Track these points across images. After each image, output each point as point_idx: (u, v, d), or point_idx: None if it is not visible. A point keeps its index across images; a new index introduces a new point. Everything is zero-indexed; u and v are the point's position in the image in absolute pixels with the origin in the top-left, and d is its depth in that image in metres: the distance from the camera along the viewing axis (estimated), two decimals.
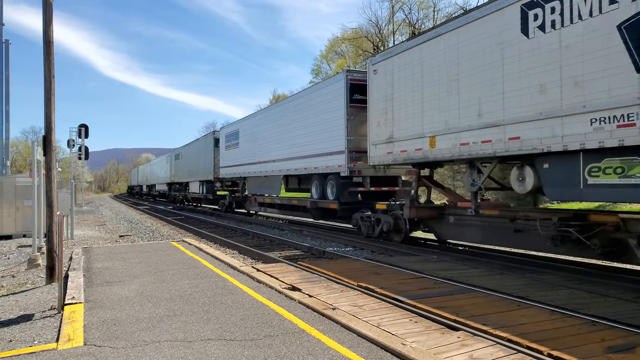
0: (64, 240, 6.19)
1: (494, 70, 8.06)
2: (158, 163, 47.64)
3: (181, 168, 35.37)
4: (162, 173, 43.14)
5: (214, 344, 4.30)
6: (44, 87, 7.27)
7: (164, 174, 42.70)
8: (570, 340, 4.24)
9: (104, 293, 6.36)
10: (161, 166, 44.42)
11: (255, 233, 15.50)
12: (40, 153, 8.71)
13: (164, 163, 42.84)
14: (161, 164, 44.76)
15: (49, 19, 7.31)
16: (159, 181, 46.06)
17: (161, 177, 44.57)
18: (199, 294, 6.23)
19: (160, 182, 45.36)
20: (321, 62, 49.97)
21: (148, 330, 4.71)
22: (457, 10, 32.90)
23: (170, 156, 40.60)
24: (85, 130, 22.62)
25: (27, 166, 61.24)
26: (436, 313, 5.09)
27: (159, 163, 47.15)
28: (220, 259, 9.02)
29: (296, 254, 11.20)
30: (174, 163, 37.97)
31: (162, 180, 43.59)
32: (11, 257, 10.46)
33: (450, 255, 9.76)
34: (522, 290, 6.12)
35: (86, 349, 4.21)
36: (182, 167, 34.98)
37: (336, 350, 4.10)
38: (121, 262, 8.93)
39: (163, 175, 43.30)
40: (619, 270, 8.33)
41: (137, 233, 17.11)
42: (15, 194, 14.08)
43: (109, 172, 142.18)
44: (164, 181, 43.06)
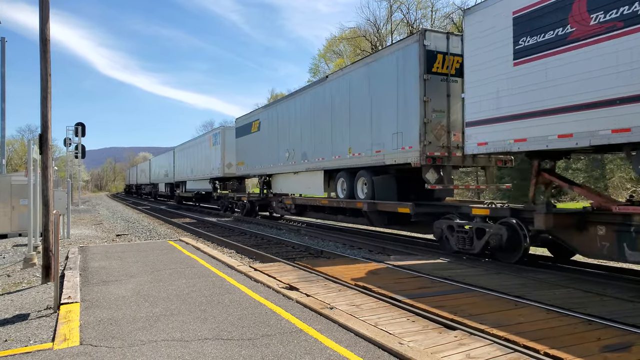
0: (60, 240, 6.17)
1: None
2: (159, 161, 44.85)
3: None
4: (165, 170, 40.93)
5: (211, 344, 4.29)
6: (41, 86, 7.23)
7: (167, 171, 40.50)
8: (567, 339, 4.25)
9: (100, 292, 6.34)
10: (162, 164, 42.42)
11: (252, 232, 15.49)
12: (36, 151, 8.67)
13: (168, 160, 39.78)
14: (162, 162, 42.67)
15: (46, 17, 7.27)
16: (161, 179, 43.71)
17: (161, 175, 42.91)
18: (196, 294, 6.21)
19: (166, 180, 42.08)
20: (319, 61, 49.99)
21: (145, 330, 4.70)
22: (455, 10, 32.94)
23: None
24: (82, 128, 22.57)
25: (23, 165, 61.02)
26: (433, 312, 5.09)
27: (159, 161, 44.55)
28: (217, 258, 9.00)
29: (294, 254, 11.19)
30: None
31: (166, 179, 41.19)
32: (6, 257, 10.41)
33: (448, 254, 9.76)
34: (519, 290, 6.14)
35: (82, 349, 4.19)
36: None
37: (334, 349, 4.10)
38: (118, 261, 8.90)
39: (163, 173, 41.77)
40: (616, 269, 8.37)
41: (134, 232, 17.07)
42: (10, 193, 14.01)
43: (106, 171, 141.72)
44: (169, 180, 40.36)
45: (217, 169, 25.62)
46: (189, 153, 32.18)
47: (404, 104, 10.80)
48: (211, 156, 26.57)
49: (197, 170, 29.69)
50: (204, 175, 28.15)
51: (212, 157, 26.44)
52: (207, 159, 27.32)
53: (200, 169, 28.82)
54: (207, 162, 27.36)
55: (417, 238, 12.80)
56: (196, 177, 29.92)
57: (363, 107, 12.40)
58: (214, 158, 26.09)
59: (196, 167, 29.90)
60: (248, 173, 21.77)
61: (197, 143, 30.57)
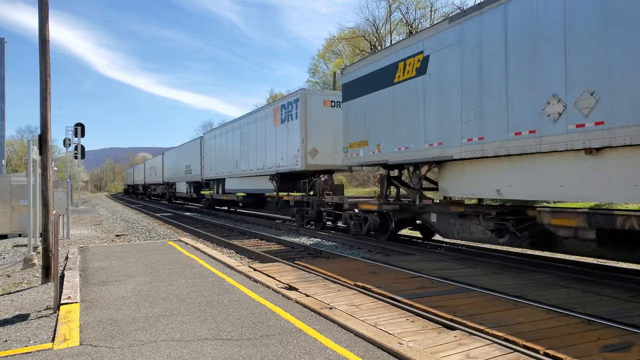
0: (59, 240, 6.18)
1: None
2: (175, 154, 36.68)
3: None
4: (186, 166, 32.86)
5: (211, 344, 4.29)
6: (40, 86, 7.23)
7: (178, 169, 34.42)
8: (566, 339, 4.25)
9: (100, 293, 6.34)
10: (181, 158, 34.39)
11: (252, 232, 15.49)
12: (36, 152, 8.68)
13: (192, 152, 31.35)
14: (182, 155, 34.48)
15: (45, 18, 7.27)
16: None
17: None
18: (196, 294, 6.21)
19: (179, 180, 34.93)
20: (318, 61, 50.04)
21: (144, 330, 4.70)
22: (454, 10, 32.97)
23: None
24: (82, 129, 22.56)
25: (22, 165, 60.99)
26: (433, 312, 5.09)
27: (176, 154, 36.37)
28: (217, 259, 9.00)
29: (293, 254, 11.19)
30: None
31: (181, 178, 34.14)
32: (6, 257, 10.41)
33: (447, 254, 9.77)
34: (518, 290, 6.14)
35: (82, 349, 4.19)
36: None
37: (333, 349, 4.10)
38: (117, 261, 8.90)
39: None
40: (615, 269, 8.37)
41: (134, 232, 17.07)
42: (10, 193, 14.01)
43: (105, 171, 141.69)
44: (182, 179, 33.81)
45: (291, 159, 16.53)
46: (230, 140, 23.36)
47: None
48: (277, 140, 17.72)
49: (247, 162, 20.87)
50: (261, 169, 19.28)
51: (279, 140, 17.54)
52: (269, 145, 18.46)
53: (254, 160, 20.05)
54: (268, 150, 18.54)
55: (416, 238, 12.81)
56: (245, 172, 21.12)
57: None
58: (284, 142, 17.07)
59: (246, 159, 20.98)
60: (384, 160, 11.39)
61: (246, 123, 21.32)
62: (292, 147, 16.44)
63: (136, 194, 61.95)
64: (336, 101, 15.82)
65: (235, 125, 22.87)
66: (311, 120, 15.89)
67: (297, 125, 16.06)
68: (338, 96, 15.50)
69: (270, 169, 18.32)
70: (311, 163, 15.90)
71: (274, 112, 18.10)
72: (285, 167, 17.06)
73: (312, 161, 15.90)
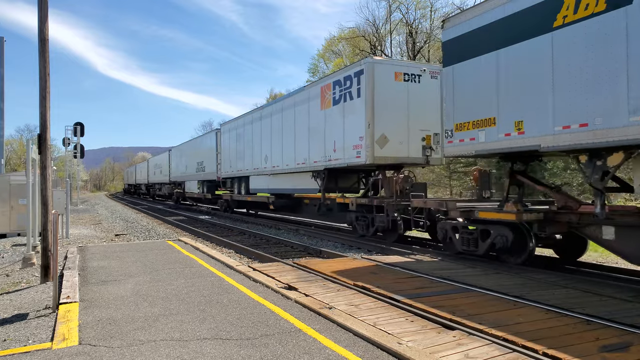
0: (59, 239, 6.17)
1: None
2: (184, 150, 33.53)
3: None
4: (198, 163, 29.18)
5: (210, 343, 4.29)
6: (39, 85, 7.22)
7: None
8: (565, 339, 4.25)
9: (99, 292, 6.34)
10: (191, 154, 30.98)
11: (251, 232, 15.48)
12: (35, 151, 8.67)
13: (205, 147, 27.96)
14: (191, 151, 31.13)
15: (44, 17, 7.26)
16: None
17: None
18: (195, 293, 6.21)
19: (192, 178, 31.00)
20: (318, 61, 50.07)
21: (144, 330, 4.70)
22: (454, 10, 32.98)
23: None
24: (81, 128, 22.58)
25: (21, 164, 60.96)
26: (432, 312, 5.09)
27: (185, 150, 33.20)
28: (216, 258, 9.00)
29: (293, 253, 11.19)
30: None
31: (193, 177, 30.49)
32: (5, 256, 10.40)
33: (447, 254, 9.77)
34: (517, 290, 6.14)
35: (81, 349, 4.19)
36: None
37: (332, 349, 4.10)
38: (117, 261, 8.90)
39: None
40: (614, 269, 8.38)
41: (133, 232, 17.06)
42: (9, 192, 14.00)
43: (104, 170, 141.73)
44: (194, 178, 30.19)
45: (349, 150, 12.88)
46: (257, 130, 19.59)
47: None
48: (327, 127, 13.99)
49: (281, 157, 17.18)
50: (302, 164, 15.61)
51: (330, 128, 13.79)
52: (314, 134, 14.76)
53: (290, 154, 16.41)
54: (313, 140, 14.88)
55: (416, 238, 12.81)
56: (278, 168, 17.53)
57: None
58: (338, 129, 13.34)
59: (279, 152, 17.38)
60: (531, 146, 7.61)
61: (279, 110, 17.51)
62: (350, 134, 12.65)
63: (138, 194, 58.77)
64: (410, 74, 12.46)
65: (264, 113, 18.94)
66: (380, 98, 12.03)
67: (360, 105, 12.24)
68: (411, 68, 12.65)
69: (316, 163, 14.56)
70: (380, 155, 12.01)
71: (322, 93, 14.26)
72: (340, 161, 13.21)
73: (380, 152, 12.01)
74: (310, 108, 15.09)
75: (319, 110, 14.46)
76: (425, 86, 12.63)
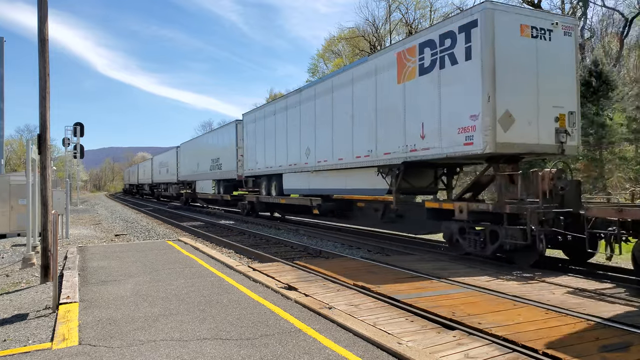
0: (58, 239, 6.17)
1: None
2: (196, 146, 29.71)
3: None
4: (213, 160, 25.56)
5: (210, 344, 4.29)
6: (39, 86, 7.22)
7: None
8: (565, 339, 4.25)
9: (99, 292, 6.33)
10: (205, 150, 27.26)
11: (251, 232, 15.48)
12: (35, 151, 8.67)
13: (223, 140, 24.11)
14: (205, 146, 27.45)
15: (44, 17, 7.26)
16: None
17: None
18: (195, 293, 6.21)
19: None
20: (318, 61, 50.06)
21: (144, 330, 4.69)
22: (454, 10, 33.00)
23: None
24: (81, 128, 22.58)
25: (21, 165, 60.95)
26: (432, 312, 5.09)
27: (198, 146, 29.36)
28: (216, 258, 9.00)
29: (293, 254, 11.20)
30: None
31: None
32: (5, 256, 10.40)
33: (447, 254, 9.77)
34: (517, 290, 6.14)
35: (81, 349, 4.19)
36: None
37: (332, 349, 4.10)
38: (117, 261, 8.90)
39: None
40: (614, 269, 8.37)
41: (133, 232, 17.06)
42: (9, 193, 14.00)
43: (104, 170, 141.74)
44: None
45: (450, 136, 9.21)
46: (294, 118, 15.88)
47: None
48: (408, 106, 10.26)
49: (331, 149, 13.40)
50: (363, 157, 11.90)
51: (415, 106, 10.09)
52: (387, 117, 10.95)
53: (346, 145, 12.60)
54: (384, 125, 11.06)
55: (416, 238, 12.81)
56: (327, 164, 13.68)
57: None
58: (428, 108, 9.75)
59: (328, 144, 13.60)
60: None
61: (328, 90, 13.68)
62: (453, 113, 9.11)
63: (141, 194, 55.58)
64: (539, 28, 8.87)
65: (304, 96, 15.23)
66: (503, 60, 8.50)
67: (471, 71, 8.69)
68: (540, 19, 9.00)
69: (388, 156, 10.73)
70: (504, 140, 8.43)
71: (399, 61, 10.43)
72: (433, 151, 9.58)
73: (505, 136, 8.43)
74: (378, 83, 11.19)
75: (394, 85, 10.58)
76: (557, 46, 9.07)
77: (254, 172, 19.77)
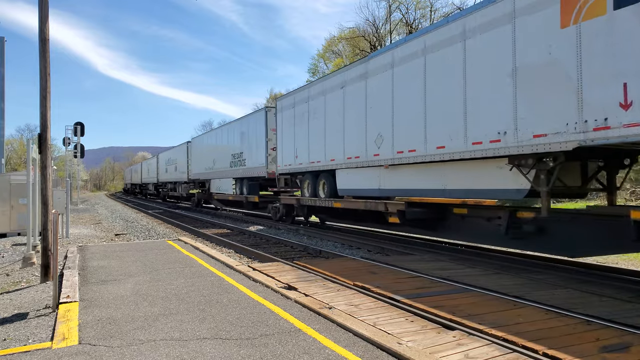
0: (59, 239, 6.17)
1: None
2: (216, 138, 25.63)
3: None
4: (238, 150, 21.93)
5: (210, 343, 4.29)
6: (40, 85, 7.22)
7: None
8: (566, 339, 4.25)
9: (99, 292, 6.33)
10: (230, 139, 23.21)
11: (251, 232, 15.49)
12: (35, 151, 8.67)
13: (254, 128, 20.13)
14: (232, 134, 23.02)
15: (45, 17, 7.26)
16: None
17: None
18: (195, 293, 6.21)
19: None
20: (318, 61, 50.02)
21: (143, 329, 4.69)
22: (453, 10, 33.00)
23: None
24: (81, 128, 22.59)
25: (22, 164, 60.98)
26: (432, 312, 5.09)
27: (218, 137, 25.32)
28: (216, 258, 9.00)
29: (293, 253, 11.19)
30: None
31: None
32: (5, 256, 10.40)
33: (447, 254, 9.78)
34: (517, 290, 6.14)
35: (81, 348, 4.19)
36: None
37: (332, 349, 4.10)
38: (117, 260, 8.90)
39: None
40: (614, 270, 8.37)
41: (133, 232, 17.06)
42: (10, 192, 14.00)
43: (104, 170, 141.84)
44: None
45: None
46: (354, 97, 12.43)
47: None
48: (588, 57, 6.51)
49: (426, 133, 9.66)
50: (490, 142, 8.10)
51: (606, 55, 6.23)
52: (543, 78, 7.17)
53: (451, 125, 9.00)
54: (523, 94, 7.49)
55: (416, 238, 12.80)
56: (417, 154, 9.98)
57: None
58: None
59: (423, 126, 9.76)
60: None
61: (426, 48, 9.66)
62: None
63: (144, 194, 52.34)
64: None
65: (372, 66, 11.75)
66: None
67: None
68: None
69: (544, 139, 7.25)
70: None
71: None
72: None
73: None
74: (518, 32, 7.69)
75: (554, 30, 7.08)
76: None
77: (292, 168, 16.28)
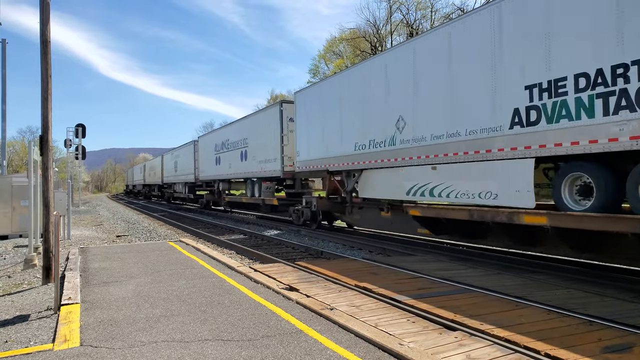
0: (60, 241, 6.18)
1: None
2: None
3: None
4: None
5: (211, 345, 4.29)
6: (41, 87, 7.23)
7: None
8: (568, 340, 4.24)
9: (100, 293, 6.34)
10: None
11: (252, 233, 15.49)
12: (37, 153, 8.68)
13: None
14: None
15: (46, 19, 7.27)
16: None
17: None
18: (196, 294, 6.21)
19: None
20: (319, 62, 50.04)
21: (145, 331, 4.69)
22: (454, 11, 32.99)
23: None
24: (83, 130, 22.59)
25: (23, 166, 61.06)
26: (434, 313, 5.09)
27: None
28: (217, 259, 9.00)
29: (294, 254, 11.19)
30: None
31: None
32: (7, 258, 10.41)
33: (448, 255, 9.77)
34: (519, 290, 6.13)
35: (82, 350, 4.19)
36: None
37: (334, 350, 4.10)
38: (118, 262, 8.90)
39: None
40: (616, 270, 8.35)
41: (134, 233, 17.07)
42: (11, 194, 14.02)
43: (106, 172, 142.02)
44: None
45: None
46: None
47: None
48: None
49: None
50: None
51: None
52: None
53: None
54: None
55: (416, 239, 12.79)
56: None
57: None
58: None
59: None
60: None
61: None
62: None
63: (148, 196, 50.02)
64: None
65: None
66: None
67: None
68: None
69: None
70: None
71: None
72: None
73: None
74: None
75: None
76: None
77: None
